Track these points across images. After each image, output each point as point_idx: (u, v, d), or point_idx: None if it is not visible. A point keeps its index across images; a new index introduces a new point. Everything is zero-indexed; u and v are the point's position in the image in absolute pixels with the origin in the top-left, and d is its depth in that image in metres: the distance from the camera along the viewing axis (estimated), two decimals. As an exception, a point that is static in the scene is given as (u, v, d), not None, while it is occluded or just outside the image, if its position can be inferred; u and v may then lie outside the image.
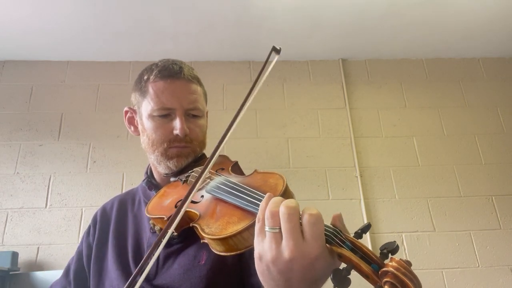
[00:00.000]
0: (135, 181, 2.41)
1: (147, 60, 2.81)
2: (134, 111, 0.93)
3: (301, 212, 0.48)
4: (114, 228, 0.91)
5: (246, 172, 0.80)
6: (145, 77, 0.89)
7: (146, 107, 0.86)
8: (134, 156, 2.50)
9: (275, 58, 0.78)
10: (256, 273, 0.74)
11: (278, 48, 0.80)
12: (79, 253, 0.94)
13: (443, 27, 2.60)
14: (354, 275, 0.45)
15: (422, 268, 2.31)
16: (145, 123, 0.87)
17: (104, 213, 0.97)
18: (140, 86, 0.89)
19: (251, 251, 0.77)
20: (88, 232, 0.95)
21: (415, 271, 0.42)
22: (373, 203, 2.47)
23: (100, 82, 2.72)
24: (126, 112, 0.96)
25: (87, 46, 2.62)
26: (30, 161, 2.46)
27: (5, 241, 2.26)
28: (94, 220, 0.96)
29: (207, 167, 0.66)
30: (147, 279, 0.78)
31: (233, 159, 0.89)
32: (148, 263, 0.55)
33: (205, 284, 0.74)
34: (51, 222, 2.32)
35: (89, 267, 0.90)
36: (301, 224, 0.47)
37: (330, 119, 2.72)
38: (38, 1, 2.19)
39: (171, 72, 0.86)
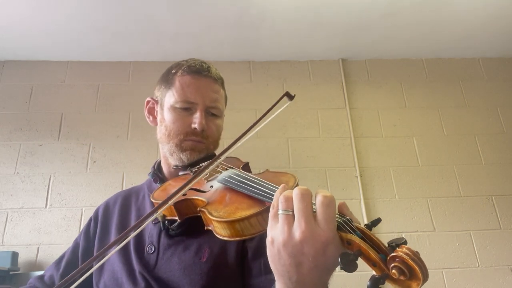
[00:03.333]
0: (135, 181, 2.41)
1: (147, 60, 2.82)
2: (156, 102, 0.97)
3: (314, 196, 0.48)
4: (117, 221, 0.92)
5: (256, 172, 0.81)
6: (173, 71, 0.93)
7: (169, 98, 0.90)
8: (134, 156, 2.50)
9: (286, 103, 0.79)
10: (257, 275, 0.74)
11: (293, 95, 0.81)
12: (76, 246, 0.95)
13: (443, 27, 2.60)
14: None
15: (422, 268, 2.30)
16: (166, 113, 0.90)
17: (106, 208, 0.98)
18: (167, 78, 0.93)
19: (254, 253, 0.77)
20: (88, 226, 0.96)
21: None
22: (373, 203, 2.47)
23: (100, 82, 2.72)
24: (148, 102, 0.99)
25: (87, 46, 2.62)
26: (30, 161, 2.46)
27: (5, 241, 2.26)
28: (96, 214, 0.97)
29: (219, 158, 0.67)
30: (146, 268, 0.79)
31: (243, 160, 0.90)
32: (136, 229, 0.55)
33: (205, 281, 0.74)
34: (51, 222, 2.32)
35: (86, 260, 0.91)
36: (314, 206, 0.47)
37: (330, 119, 2.72)
38: (38, 1, 2.19)
39: (199, 69, 0.91)
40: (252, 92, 2.76)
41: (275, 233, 0.48)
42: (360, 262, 0.44)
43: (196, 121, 0.86)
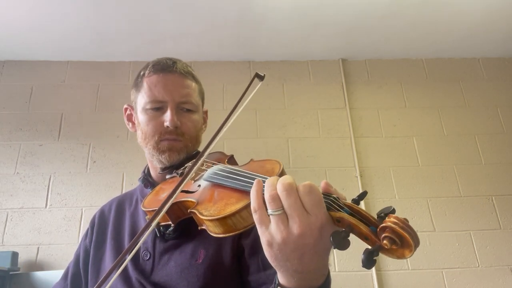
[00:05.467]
0: (135, 181, 2.40)
1: (147, 60, 2.81)
2: (132, 108, 0.96)
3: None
4: (112, 229, 0.91)
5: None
6: (141, 73, 0.91)
7: (140, 101, 0.89)
8: (134, 156, 2.50)
9: (258, 84, 0.79)
10: (255, 272, 0.74)
11: (262, 74, 0.80)
12: (77, 257, 0.94)
13: (443, 27, 2.60)
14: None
15: (422, 268, 2.30)
16: (140, 117, 0.89)
17: (102, 215, 0.97)
18: (137, 82, 0.92)
19: (251, 250, 0.77)
20: (85, 235, 0.96)
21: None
22: (373, 203, 2.47)
23: (100, 82, 2.72)
24: (126, 109, 0.98)
25: (87, 46, 2.62)
26: (30, 161, 2.46)
27: (5, 241, 2.26)
28: (92, 223, 0.97)
29: (201, 157, 0.67)
30: (143, 275, 0.78)
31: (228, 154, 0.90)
32: (133, 248, 0.54)
33: (202, 283, 0.74)
34: (51, 222, 2.32)
35: (86, 270, 0.90)
36: (300, 198, 0.47)
37: (330, 119, 2.72)
38: (39, 1, 2.19)
39: (164, 66, 0.89)
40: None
41: (271, 235, 0.47)
42: (354, 256, 0.44)
43: (167, 118, 0.84)
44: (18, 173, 2.43)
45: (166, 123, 0.84)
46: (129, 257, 0.53)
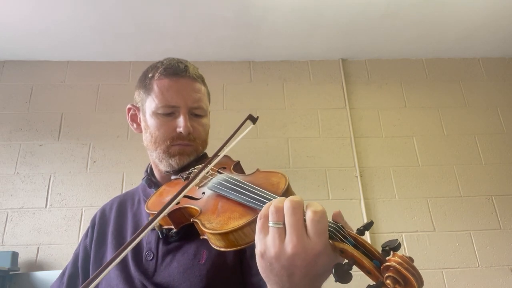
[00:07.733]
0: (135, 181, 2.41)
1: (148, 60, 2.81)
2: (137, 108, 0.94)
3: (305, 208, 0.48)
4: (114, 228, 0.91)
5: (248, 172, 0.80)
6: (150, 75, 0.89)
7: (150, 104, 0.87)
8: (134, 156, 2.50)
9: (249, 126, 0.79)
10: (257, 273, 0.74)
11: (256, 117, 0.80)
12: (76, 256, 0.94)
13: (443, 27, 2.60)
14: (355, 273, 0.45)
15: (422, 268, 2.30)
16: (149, 120, 0.87)
17: (103, 214, 0.97)
18: (145, 83, 0.90)
19: (252, 251, 0.77)
20: (86, 235, 0.95)
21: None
22: (373, 203, 2.47)
23: (100, 82, 2.72)
24: (129, 109, 0.97)
25: (87, 46, 2.62)
26: (30, 161, 2.46)
27: (5, 241, 2.26)
28: (93, 222, 0.97)
29: (208, 164, 0.66)
30: (145, 275, 0.78)
31: (234, 159, 0.89)
32: (129, 246, 0.54)
33: (205, 283, 0.74)
34: (51, 222, 2.32)
35: (86, 269, 0.90)
36: (305, 220, 0.47)
37: (330, 119, 2.72)
38: (39, 1, 2.19)
39: (177, 70, 0.87)
40: (252, 92, 2.76)
41: (265, 246, 0.48)
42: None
43: (181, 124, 0.84)
44: (18, 173, 2.43)
45: (180, 129, 0.84)
46: (126, 251, 0.53)
